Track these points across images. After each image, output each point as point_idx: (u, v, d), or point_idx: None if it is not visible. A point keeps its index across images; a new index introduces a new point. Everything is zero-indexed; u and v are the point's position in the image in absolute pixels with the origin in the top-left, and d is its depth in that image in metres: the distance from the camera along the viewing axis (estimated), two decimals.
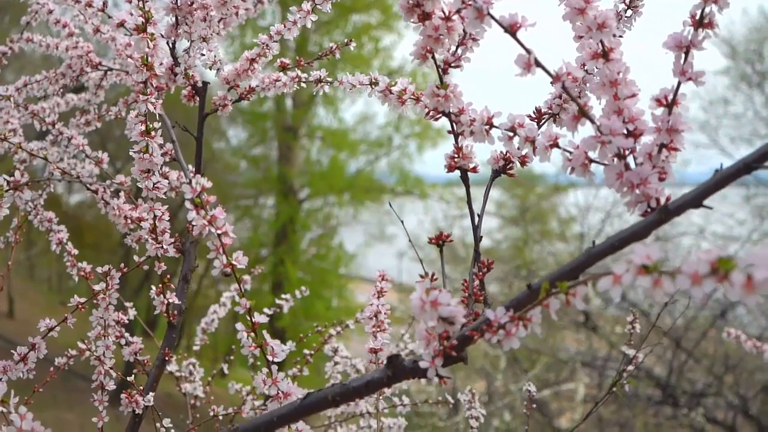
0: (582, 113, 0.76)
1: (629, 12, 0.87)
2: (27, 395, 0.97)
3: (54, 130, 1.47)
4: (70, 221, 1.34)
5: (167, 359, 1.19)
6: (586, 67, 0.77)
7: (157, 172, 1.04)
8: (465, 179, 0.91)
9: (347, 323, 1.83)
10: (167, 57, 1.21)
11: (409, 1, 0.79)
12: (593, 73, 0.77)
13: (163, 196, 1.06)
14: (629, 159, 0.71)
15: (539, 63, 0.70)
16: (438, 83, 0.86)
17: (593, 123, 0.73)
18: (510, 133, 0.85)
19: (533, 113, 0.87)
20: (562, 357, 7.44)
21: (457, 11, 0.77)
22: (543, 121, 0.87)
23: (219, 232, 0.76)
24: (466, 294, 0.84)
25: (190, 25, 1.18)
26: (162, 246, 1.08)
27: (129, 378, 1.17)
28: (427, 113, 0.89)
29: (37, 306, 10.66)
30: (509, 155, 0.88)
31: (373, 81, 1.08)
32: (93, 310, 1.13)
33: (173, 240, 1.10)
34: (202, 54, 1.22)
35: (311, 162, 11.47)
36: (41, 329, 1.10)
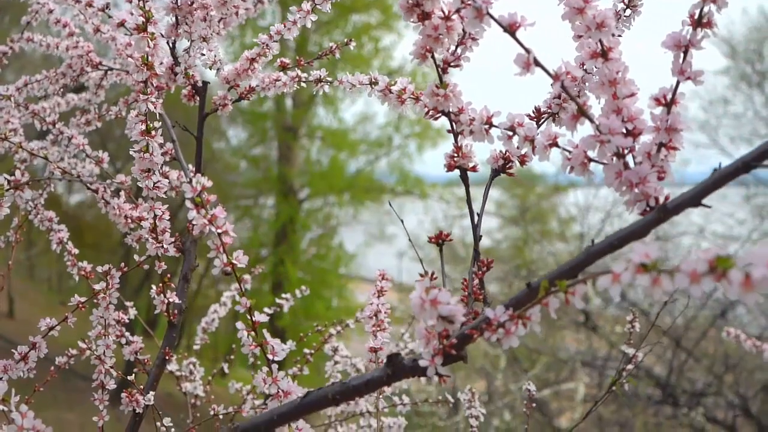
0: (581, 112, 0.76)
1: (628, 11, 0.87)
2: (27, 394, 0.97)
3: (54, 129, 1.47)
4: (70, 221, 1.34)
5: (167, 358, 1.19)
6: (585, 67, 0.77)
7: (158, 171, 1.05)
8: (464, 178, 0.91)
9: (347, 322, 1.83)
10: (167, 57, 1.21)
11: (409, 1, 0.79)
12: (592, 73, 0.77)
13: (164, 195, 1.06)
14: (628, 158, 0.72)
15: (538, 62, 0.70)
16: (437, 83, 0.86)
17: (592, 122, 0.73)
18: (509, 133, 0.85)
19: (532, 112, 0.87)
20: (562, 357, 7.45)
21: (457, 11, 0.77)
22: (542, 121, 0.87)
23: (219, 231, 0.76)
24: (465, 293, 0.84)
25: (190, 25, 1.18)
26: (162, 245, 1.08)
27: (129, 377, 1.18)
28: (427, 112, 0.89)
29: (37, 306, 10.66)
30: (509, 154, 0.88)
31: (373, 81, 1.08)
32: (93, 309, 1.13)
33: (173, 239, 1.10)
34: (202, 54, 1.23)
35: (311, 162, 11.47)
36: (42, 328, 1.10)
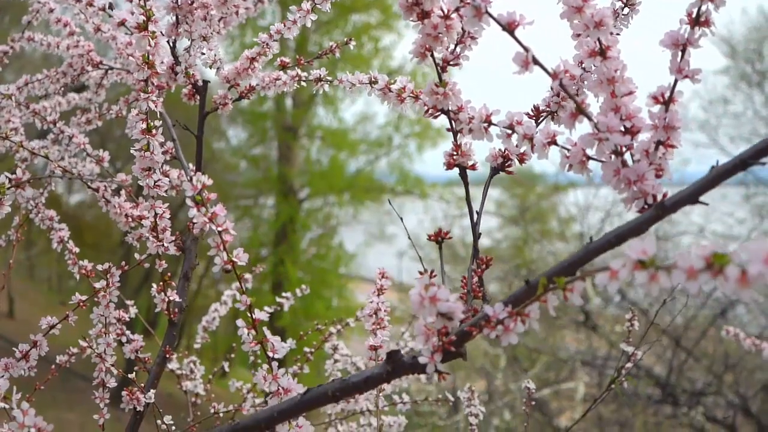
0: (579, 111, 0.76)
1: (626, 10, 0.88)
2: (28, 393, 0.97)
3: (55, 128, 1.48)
4: (70, 221, 1.34)
5: (168, 357, 1.19)
6: (583, 65, 0.78)
7: (158, 169, 1.05)
8: (464, 177, 0.92)
9: (347, 321, 1.83)
10: (168, 56, 1.21)
11: (408, 0, 0.79)
12: (591, 71, 0.77)
13: (164, 194, 1.07)
14: (626, 156, 0.72)
15: (537, 61, 0.71)
16: (437, 81, 0.87)
17: (591, 120, 0.74)
18: (508, 131, 0.85)
19: (531, 111, 0.88)
20: (561, 356, 7.44)
21: (456, 10, 0.77)
22: (541, 119, 0.87)
23: (220, 229, 0.76)
24: (465, 291, 0.84)
25: (190, 24, 1.19)
26: (163, 244, 1.08)
27: (130, 375, 1.18)
28: (426, 111, 0.90)
29: (37, 306, 10.66)
30: (508, 153, 0.88)
31: (373, 80, 1.08)
32: (94, 308, 1.13)
33: (174, 238, 1.10)
34: (202, 53, 1.23)
35: (311, 162, 11.47)
36: (42, 327, 1.11)
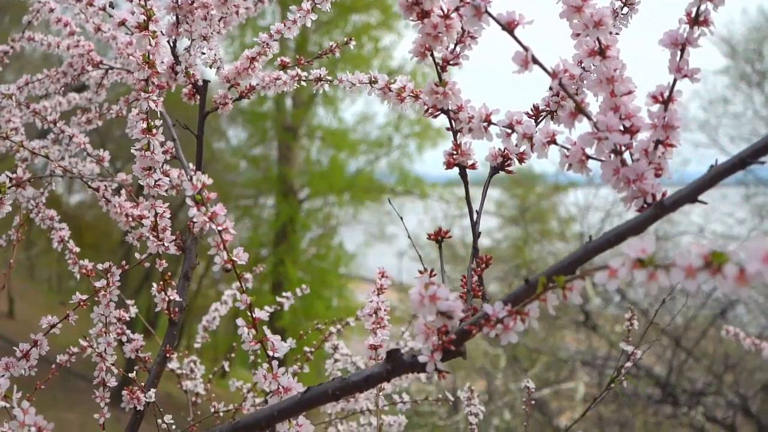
0: (579, 110, 0.76)
1: (625, 9, 0.88)
2: (28, 393, 0.97)
3: (55, 128, 1.48)
4: (70, 221, 1.35)
5: (168, 356, 1.19)
6: (583, 65, 0.78)
7: (159, 169, 1.05)
8: (464, 176, 0.92)
9: (347, 321, 1.84)
10: (168, 55, 1.21)
11: (408, 0, 0.79)
12: (590, 70, 0.77)
13: (165, 193, 1.07)
14: (626, 155, 0.72)
15: (536, 60, 0.71)
16: (437, 81, 0.87)
17: (590, 119, 0.74)
18: (508, 130, 0.85)
19: (531, 110, 0.88)
20: (562, 356, 7.45)
21: (456, 9, 0.78)
22: (541, 118, 0.87)
23: (220, 228, 0.77)
24: (464, 290, 0.85)
25: (190, 24, 1.19)
26: (163, 243, 1.08)
27: (130, 374, 1.18)
28: (426, 110, 0.90)
29: (37, 306, 10.66)
30: (507, 152, 0.89)
31: (373, 79, 1.08)
32: (94, 307, 1.13)
33: (174, 237, 1.10)
34: (202, 52, 1.23)
35: (311, 162, 11.48)
36: (43, 326, 1.11)
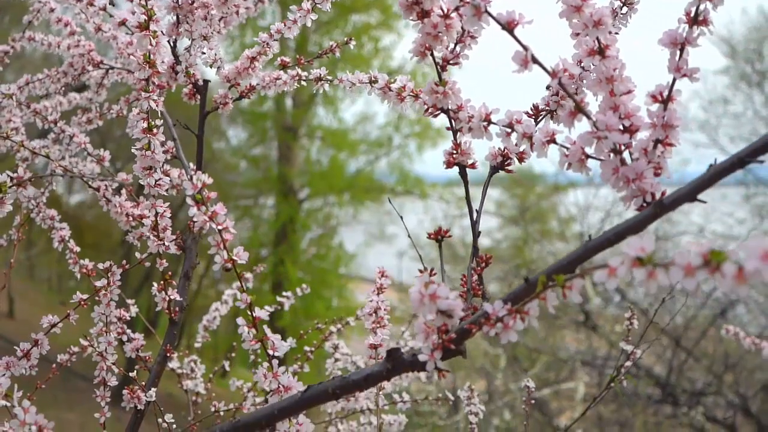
0: (578, 109, 0.76)
1: (625, 9, 0.88)
2: (29, 393, 0.97)
3: (56, 128, 1.48)
4: (70, 221, 1.35)
5: (169, 355, 1.19)
6: (582, 64, 0.78)
7: (159, 169, 1.05)
8: (463, 175, 0.92)
9: (347, 320, 1.84)
10: (168, 55, 1.21)
11: (408, 0, 0.79)
12: (590, 70, 0.77)
13: (165, 193, 1.07)
14: (625, 154, 0.72)
15: (536, 60, 0.71)
16: (437, 80, 0.87)
17: (590, 119, 0.74)
18: (508, 130, 0.86)
19: (530, 110, 0.88)
20: (562, 356, 7.45)
21: (456, 9, 0.78)
22: (540, 118, 0.88)
23: (220, 227, 0.77)
24: (464, 289, 0.85)
25: (191, 24, 1.19)
26: (164, 243, 1.08)
27: (131, 374, 1.18)
28: (426, 110, 0.90)
29: (37, 306, 10.65)
30: (507, 151, 0.89)
31: (373, 79, 1.09)
32: (95, 307, 1.14)
33: (175, 237, 1.11)
34: (202, 52, 1.23)
35: (311, 162, 11.48)
36: (44, 325, 1.11)
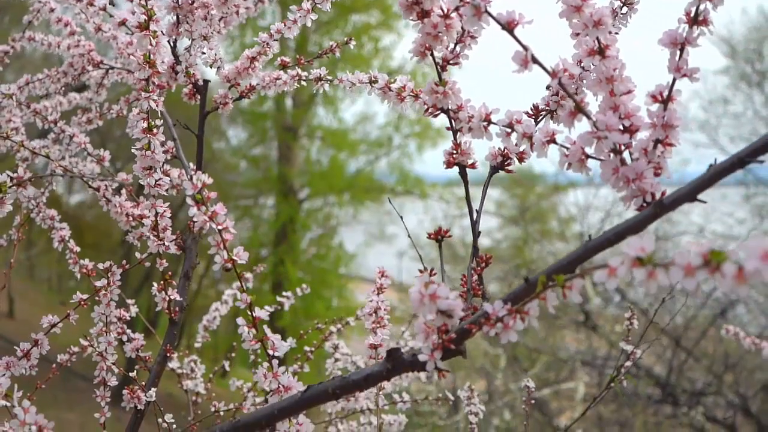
0: (578, 109, 0.76)
1: (625, 9, 0.88)
2: (29, 393, 0.97)
3: (56, 128, 1.48)
4: (70, 221, 1.35)
5: (169, 355, 1.19)
6: (582, 64, 0.78)
7: (159, 169, 1.05)
8: (463, 175, 0.92)
9: (347, 320, 1.84)
10: (168, 55, 1.21)
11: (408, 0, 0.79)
12: (590, 70, 0.77)
13: (165, 193, 1.07)
14: (625, 154, 0.72)
15: (536, 60, 0.71)
16: (437, 80, 0.87)
17: (590, 119, 0.74)
18: (508, 130, 0.86)
19: (530, 110, 0.88)
20: (562, 356, 7.45)
21: (456, 9, 0.78)
22: (540, 118, 0.88)
23: (220, 227, 0.77)
24: (464, 289, 0.85)
25: (191, 24, 1.19)
26: (164, 243, 1.08)
27: (131, 374, 1.18)
28: (426, 110, 0.90)
29: (37, 306, 10.65)
30: (507, 151, 0.89)
31: (373, 79, 1.09)
32: (95, 306, 1.14)
33: (175, 237, 1.11)
34: (202, 52, 1.23)
35: (311, 162, 11.48)
36: (44, 325, 1.11)
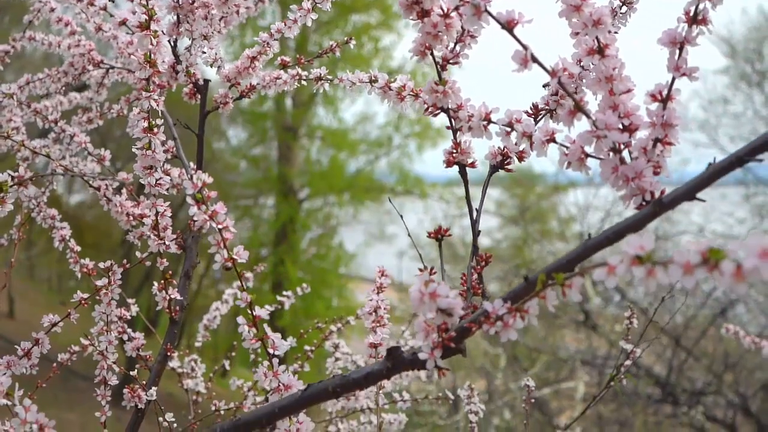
0: (578, 108, 0.77)
1: (624, 8, 0.88)
2: (30, 392, 0.97)
3: (56, 127, 1.48)
4: (70, 221, 1.35)
5: (169, 355, 1.19)
6: (582, 63, 0.78)
7: (160, 168, 1.05)
8: (463, 174, 0.92)
9: (348, 319, 1.84)
10: (169, 55, 1.21)
11: None
12: (589, 69, 0.78)
13: (165, 192, 1.07)
14: (624, 153, 0.72)
15: (536, 59, 0.71)
16: (437, 80, 0.87)
17: (589, 118, 0.74)
18: (507, 129, 0.86)
19: (530, 109, 0.88)
20: (561, 356, 7.45)
21: (456, 8, 0.78)
22: (540, 117, 0.88)
23: (220, 226, 0.77)
24: (464, 288, 0.85)
25: (191, 23, 1.19)
26: (164, 242, 1.09)
27: (132, 373, 1.18)
28: (426, 109, 0.90)
29: (37, 306, 10.65)
30: (507, 150, 0.89)
31: (373, 78, 1.09)
32: (95, 306, 1.14)
33: (175, 236, 1.11)
34: (203, 52, 1.23)
35: (311, 162, 11.48)
36: (44, 325, 1.11)
